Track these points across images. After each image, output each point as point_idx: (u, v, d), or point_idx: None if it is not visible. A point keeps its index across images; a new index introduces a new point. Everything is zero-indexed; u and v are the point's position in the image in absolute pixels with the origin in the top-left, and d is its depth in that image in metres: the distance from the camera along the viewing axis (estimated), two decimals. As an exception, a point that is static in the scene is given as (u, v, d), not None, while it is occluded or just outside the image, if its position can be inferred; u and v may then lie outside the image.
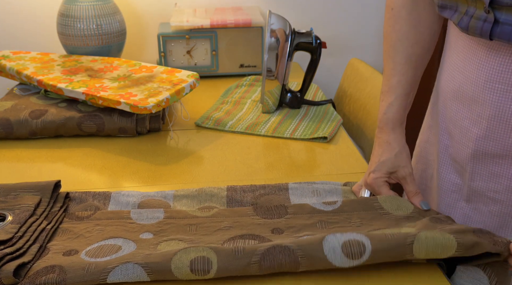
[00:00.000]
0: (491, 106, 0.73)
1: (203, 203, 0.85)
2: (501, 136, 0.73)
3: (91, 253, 0.71)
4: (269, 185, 0.90)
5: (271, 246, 0.67)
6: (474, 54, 0.74)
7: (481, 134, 0.75)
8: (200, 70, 1.52)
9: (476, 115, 0.75)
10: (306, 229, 0.76)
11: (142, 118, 1.14)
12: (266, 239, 0.74)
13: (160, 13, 1.67)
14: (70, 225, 0.79)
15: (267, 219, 0.80)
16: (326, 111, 1.26)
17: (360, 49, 1.77)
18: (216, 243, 0.73)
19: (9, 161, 1.06)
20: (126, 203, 0.85)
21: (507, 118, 0.72)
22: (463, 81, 0.77)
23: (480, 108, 0.74)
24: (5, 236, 0.71)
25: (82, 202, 0.85)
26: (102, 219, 0.80)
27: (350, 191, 0.89)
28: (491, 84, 0.72)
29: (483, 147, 0.76)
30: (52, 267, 0.67)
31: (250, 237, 0.75)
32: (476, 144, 0.76)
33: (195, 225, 0.78)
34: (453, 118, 0.81)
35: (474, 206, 0.80)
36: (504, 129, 0.72)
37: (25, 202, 0.80)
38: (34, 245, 0.72)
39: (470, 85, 0.76)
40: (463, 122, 0.78)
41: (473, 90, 0.75)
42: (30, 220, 0.76)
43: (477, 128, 0.76)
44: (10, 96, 1.27)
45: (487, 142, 0.75)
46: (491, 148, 0.75)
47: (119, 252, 0.71)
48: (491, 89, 0.72)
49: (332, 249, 0.65)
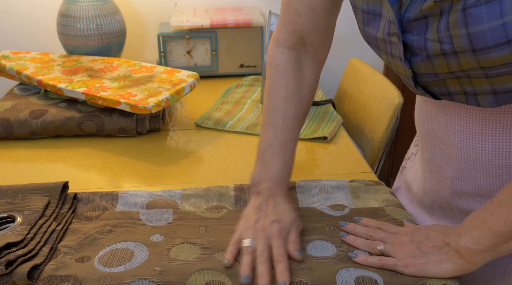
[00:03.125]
0: (456, 147, 0.72)
1: (211, 203, 0.85)
2: (472, 175, 0.72)
3: (104, 261, 0.71)
4: None
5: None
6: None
7: (454, 175, 0.74)
8: (200, 70, 1.52)
9: (447, 156, 0.74)
10: (315, 232, 0.76)
11: (142, 118, 1.14)
12: None
13: (160, 13, 1.67)
14: (79, 225, 0.79)
15: None
16: (326, 111, 1.26)
17: (360, 49, 1.77)
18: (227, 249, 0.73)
19: (9, 161, 1.06)
20: (134, 203, 0.85)
21: (472, 157, 0.70)
22: (429, 122, 0.76)
23: (448, 148, 0.74)
24: (16, 237, 0.71)
25: (89, 202, 0.85)
26: (111, 219, 0.80)
27: (358, 187, 0.88)
28: (451, 126, 0.71)
29: (458, 187, 0.74)
30: (67, 277, 0.67)
31: None
32: (453, 184, 0.75)
33: (205, 227, 0.78)
34: (429, 157, 0.80)
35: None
36: (473, 169, 0.71)
37: (34, 203, 0.80)
38: (45, 247, 0.72)
39: (436, 126, 0.75)
40: (438, 161, 0.77)
41: (439, 131, 0.74)
42: (40, 221, 0.76)
43: (450, 168, 0.75)
44: (10, 96, 1.27)
45: (461, 182, 0.74)
46: (466, 187, 0.73)
47: (133, 260, 0.71)
48: (453, 130, 0.71)
49: (345, 283, 0.66)
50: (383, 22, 0.67)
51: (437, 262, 0.65)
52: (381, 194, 0.87)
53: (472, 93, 0.64)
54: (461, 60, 0.59)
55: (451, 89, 0.66)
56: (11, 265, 0.67)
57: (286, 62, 0.83)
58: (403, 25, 0.64)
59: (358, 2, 0.71)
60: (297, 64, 0.84)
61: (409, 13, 0.62)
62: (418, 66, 0.66)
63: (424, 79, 0.67)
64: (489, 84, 0.61)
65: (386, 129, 1.23)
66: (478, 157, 0.70)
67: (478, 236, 0.63)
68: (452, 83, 0.65)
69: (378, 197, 0.86)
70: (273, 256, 0.69)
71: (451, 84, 0.65)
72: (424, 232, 0.70)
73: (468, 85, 0.63)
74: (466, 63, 0.59)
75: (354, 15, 0.74)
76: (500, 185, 0.70)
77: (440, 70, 0.63)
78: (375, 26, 0.69)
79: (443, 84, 0.66)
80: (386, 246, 0.70)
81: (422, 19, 0.61)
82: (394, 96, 1.23)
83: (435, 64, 0.63)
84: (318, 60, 0.86)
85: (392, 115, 1.22)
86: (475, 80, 0.62)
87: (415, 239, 0.69)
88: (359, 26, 0.74)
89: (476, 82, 0.62)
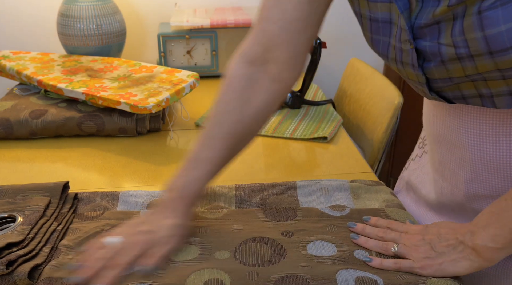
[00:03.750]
0: (469, 150, 0.71)
1: (211, 203, 0.85)
2: (486, 178, 0.71)
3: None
4: (277, 183, 0.90)
5: (285, 274, 0.67)
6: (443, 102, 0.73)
7: (468, 177, 0.73)
8: (200, 70, 1.52)
9: (459, 159, 0.74)
10: (316, 232, 0.76)
11: (142, 118, 1.14)
12: (277, 243, 0.74)
13: (160, 13, 1.67)
14: (80, 225, 0.79)
15: (276, 221, 0.79)
16: (326, 111, 1.26)
17: (360, 49, 1.77)
18: (227, 249, 0.73)
19: (9, 161, 1.06)
20: (134, 203, 0.85)
21: (487, 160, 0.70)
22: (440, 126, 0.76)
23: (461, 151, 0.73)
24: (17, 237, 0.71)
25: (90, 202, 0.85)
26: (112, 219, 0.80)
27: (358, 187, 0.88)
28: (465, 129, 0.71)
29: (473, 190, 0.74)
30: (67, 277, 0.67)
31: (260, 240, 0.74)
32: (467, 187, 0.74)
33: (205, 227, 0.78)
34: (441, 160, 0.79)
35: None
36: (487, 171, 0.71)
37: (35, 203, 0.80)
38: (46, 247, 0.72)
39: (447, 130, 0.74)
40: (450, 165, 0.76)
41: (451, 134, 0.74)
42: (40, 221, 0.76)
43: (463, 171, 0.74)
44: (10, 96, 1.27)
45: (475, 185, 0.73)
46: (481, 190, 0.73)
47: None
48: (466, 133, 0.71)
49: (346, 282, 0.66)
50: (395, 29, 0.66)
51: (454, 261, 0.65)
52: (381, 194, 0.87)
53: (488, 95, 0.64)
54: (477, 63, 0.59)
55: (466, 92, 0.66)
56: (11, 265, 0.67)
57: (238, 77, 0.77)
58: (414, 32, 0.63)
59: (365, 11, 0.70)
60: (249, 83, 0.77)
61: (420, 19, 0.62)
62: (431, 71, 0.65)
63: (438, 85, 0.67)
64: (506, 85, 0.61)
65: (386, 129, 1.23)
66: (492, 159, 0.69)
67: (494, 234, 0.62)
68: (467, 87, 0.65)
69: (378, 197, 0.86)
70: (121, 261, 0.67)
71: (466, 87, 0.65)
72: (435, 229, 0.70)
73: (484, 88, 0.63)
74: (483, 66, 0.59)
75: (360, 25, 0.72)
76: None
77: (456, 74, 0.63)
78: (386, 33, 0.68)
79: (458, 88, 0.66)
80: (399, 247, 0.70)
81: (435, 24, 0.61)
82: (394, 96, 1.23)
83: (450, 69, 0.62)
84: (279, 85, 0.77)
85: (392, 115, 1.22)
86: (491, 82, 0.62)
87: (426, 238, 0.69)
88: (366, 35, 0.73)
89: (493, 84, 0.62)
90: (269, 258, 0.70)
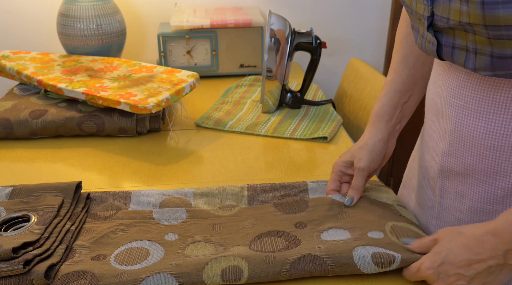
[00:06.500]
0: (452, 121, 0.73)
1: (223, 202, 0.86)
2: (461, 153, 0.73)
3: (120, 259, 0.71)
4: (288, 184, 0.91)
5: (302, 255, 0.69)
6: (441, 68, 0.75)
7: (445, 150, 0.75)
8: (200, 70, 1.52)
9: (442, 130, 0.76)
10: (328, 220, 0.78)
11: (142, 118, 1.14)
12: (291, 235, 0.75)
13: (160, 13, 1.67)
14: (93, 225, 0.80)
15: (289, 214, 0.81)
16: (326, 111, 1.26)
17: (360, 49, 1.77)
18: (242, 243, 0.74)
19: (9, 161, 1.06)
20: (147, 202, 0.86)
21: (465, 134, 0.71)
22: (434, 94, 0.78)
23: (445, 122, 0.75)
24: (32, 237, 0.71)
25: (102, 202, 0.86)
26: (125, 218, 0.81)
27: (368, 188, 0.89)
28: (451, 99, 0.73)
29: (447, 163, 0.75)
30: (84, 273, 0.67)
31: (275, 233, 0.76)
32: (442, 160, 0.76)
33: (219, 225, 0.79)
34: (429, 131, 0.81)
35: (441, 224, 0.79)
36: (463, 146, 0.72)
37: (48, 203, 0.80)
38: (61, 246, 0.73)
39: (438, 98, 0.76)
40: (434, 135, 0.79)
41: (440, 103, 0.76)
42: (55, 221, 0.76)
43: (443, 143, 0.76)
44: (10, 96, 1.27)
45: (450, 159, 0.75)
46: (454, 165, 0.74)
47: (149, 258, 0.71)
48: (452, 104, 0.73)
49: (362, 258, 0.68)
50: None
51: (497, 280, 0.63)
52: (389, 194, 0.89)
53: (473, 51, 0.65)
54: (470, 10, 0.60)
55: (457, 42, 0.67)
56: (28, 265, 0.67)
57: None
58: None
59: None
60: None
61: None
62: (438, 5, 0.66)
63: (438, 23, 0.68)
64: (489, 45, 0.62)
65: (386, 129, 1.23)
66: (470, 134, 0.71)
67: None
68: (459, 35, 0.66)
69: (388, 197, 0.88)
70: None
71: (459, 36, 0.66)
72: (445, 258, 0.66)
73: (471, 42, 0.64)
74: (474, 16, 0.60)
75: None
76: (485, 167, 0.70)
77: (453, 16, 0.64)
78: None
79: (452, 34, 0.67)
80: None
81: None
82: (394, 96, 1.23)
83: (451, 8, 0.63)
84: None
85: (392, 115, 1.22)
86: (478, 38, 0.63)
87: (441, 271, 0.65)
88: None
89: (479, 40, 0.63)
90: (285, 246, 0.72)
